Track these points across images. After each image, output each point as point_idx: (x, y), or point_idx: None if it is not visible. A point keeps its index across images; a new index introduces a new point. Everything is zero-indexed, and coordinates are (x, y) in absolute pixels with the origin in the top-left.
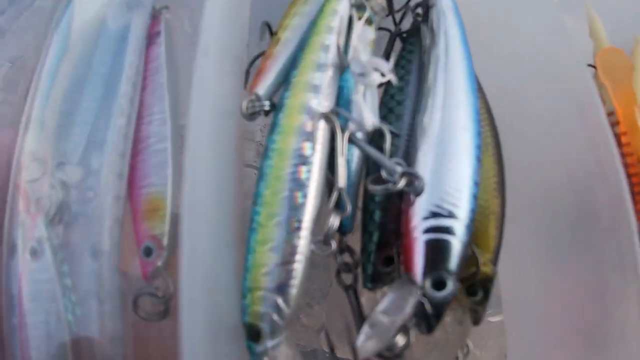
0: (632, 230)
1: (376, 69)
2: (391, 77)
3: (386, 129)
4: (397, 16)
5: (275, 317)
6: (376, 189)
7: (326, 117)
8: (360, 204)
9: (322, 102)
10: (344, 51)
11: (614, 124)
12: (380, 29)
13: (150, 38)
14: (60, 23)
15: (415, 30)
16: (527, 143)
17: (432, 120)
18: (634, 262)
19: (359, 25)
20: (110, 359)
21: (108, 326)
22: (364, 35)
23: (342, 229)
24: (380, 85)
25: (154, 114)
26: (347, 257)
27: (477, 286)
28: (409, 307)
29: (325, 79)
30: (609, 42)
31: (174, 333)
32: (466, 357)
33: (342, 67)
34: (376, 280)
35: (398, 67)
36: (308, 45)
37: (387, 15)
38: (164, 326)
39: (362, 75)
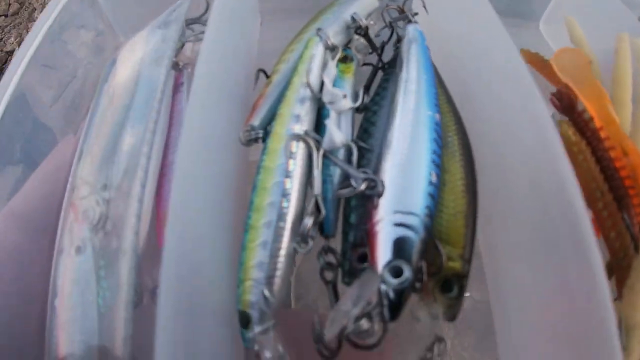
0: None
1: (338, 98)
2: (350, 102)
3: (353, 144)
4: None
5: (262, 305)
6: (342, 192)
7: (302, 138)
8: None
9: (302, 128)
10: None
11: (589, 121)
12: (365, 64)
13: (176, 87)
14: (107, 78)
15: (393, 62)
16: (491, 148)
17: (393, 135)
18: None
19: (332, 65)
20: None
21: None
22: (330, 72)
23: (326, 233)
24: (359, 111)
25: (177, 145)
26: (330, 257)
27: (452, 282)
28: (369, 294)
29: (304, 109)
30: (589, 45)
31: None
32: (443, 351)
33: (317, 99)
34: (352, 276)
35: (375, 95)
36: (291, 84)
37: (370, 53)
38: None
39: (331, 103)
